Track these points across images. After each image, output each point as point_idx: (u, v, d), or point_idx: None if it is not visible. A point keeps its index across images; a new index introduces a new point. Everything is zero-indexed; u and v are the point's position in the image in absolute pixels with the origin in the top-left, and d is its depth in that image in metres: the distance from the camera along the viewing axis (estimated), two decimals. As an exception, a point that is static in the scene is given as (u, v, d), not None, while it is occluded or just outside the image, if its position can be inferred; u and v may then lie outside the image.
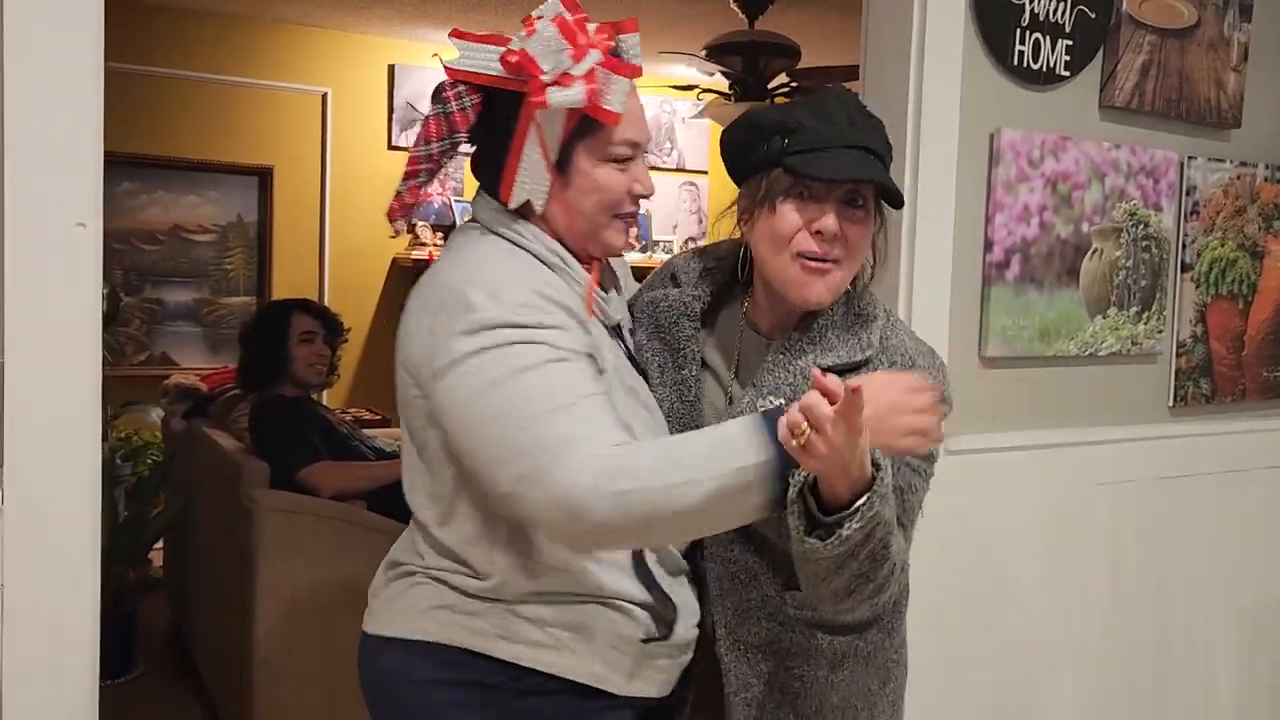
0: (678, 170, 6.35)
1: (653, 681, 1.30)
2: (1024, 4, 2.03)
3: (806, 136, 1.22)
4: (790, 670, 1.35)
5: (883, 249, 1.33)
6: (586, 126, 1.22)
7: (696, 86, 4.83)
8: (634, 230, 1.31)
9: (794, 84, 4.39)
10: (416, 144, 1.23)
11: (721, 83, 4.69)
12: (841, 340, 1.30)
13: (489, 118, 1.23)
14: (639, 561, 1.25)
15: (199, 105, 4.81)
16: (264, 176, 4.94)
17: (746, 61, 4.29)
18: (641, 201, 1.30)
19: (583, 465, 1.08)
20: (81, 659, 1.29)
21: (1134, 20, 2.17)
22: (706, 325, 1.40)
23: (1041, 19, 2.06)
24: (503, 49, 1.21)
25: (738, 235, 1.36)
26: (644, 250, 6.05)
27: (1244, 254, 2.44)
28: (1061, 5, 2.08)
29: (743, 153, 1.29)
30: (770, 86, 4.40)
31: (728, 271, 1.40)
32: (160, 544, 3.72)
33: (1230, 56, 2.33)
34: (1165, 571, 2.38)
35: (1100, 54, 2.16)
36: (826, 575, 1.13)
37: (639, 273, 1.51)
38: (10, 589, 1.23)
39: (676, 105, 6.23)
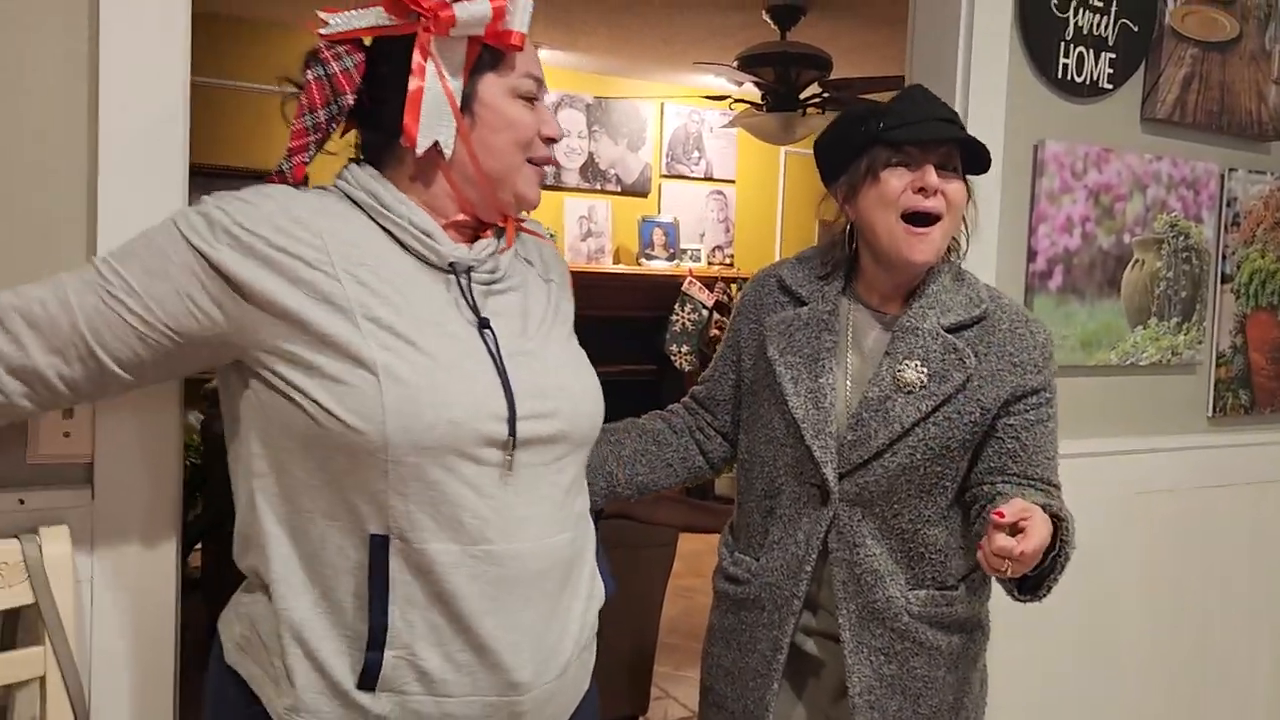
0: (706, 180, 6.39)
1: None
2: (1068, 17, 2.06)
3: (898, 115, 1.40)
4: (913, 671, 1.43)
5: (973, 218, 1.50)
6: (487, 60, 1.13)
7: (728, 96, 4.88)
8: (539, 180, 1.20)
9: (825, 94, 4.43)
10: (299, 114, 1.12)
11: (752, 93, 4.73)
12: (954, 300, 1.45)
13: (375, 74, 1.13)
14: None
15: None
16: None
17: (778, 72, 4.34)
18: (555, 148, 1.21)
19: None
20: (164, 630, 1.33)
21: (1176, 33, 2.20)
22: None
23: (1085, 32, 2.08)
24: (379, 5, 1.11)
25: (837, 222, 1.52)
26: (672, 259, 6.09)
27: (1283, 265, 2.46)
28: (1105, 18, 2.11)
29: (842, 143, 1.45)
30: (802, 97, 4.44)
31: (842, 272, 1.51)
32: (199, 545, 3.77)
33: (1271, 69, 2.35)
34: (1203, 581, 2.39)
35: (1143, 67, 2.18)
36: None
37: (666, 282, 1.56)
38: (100, 576, 1.28)
39: (705, 115, 6.28)
